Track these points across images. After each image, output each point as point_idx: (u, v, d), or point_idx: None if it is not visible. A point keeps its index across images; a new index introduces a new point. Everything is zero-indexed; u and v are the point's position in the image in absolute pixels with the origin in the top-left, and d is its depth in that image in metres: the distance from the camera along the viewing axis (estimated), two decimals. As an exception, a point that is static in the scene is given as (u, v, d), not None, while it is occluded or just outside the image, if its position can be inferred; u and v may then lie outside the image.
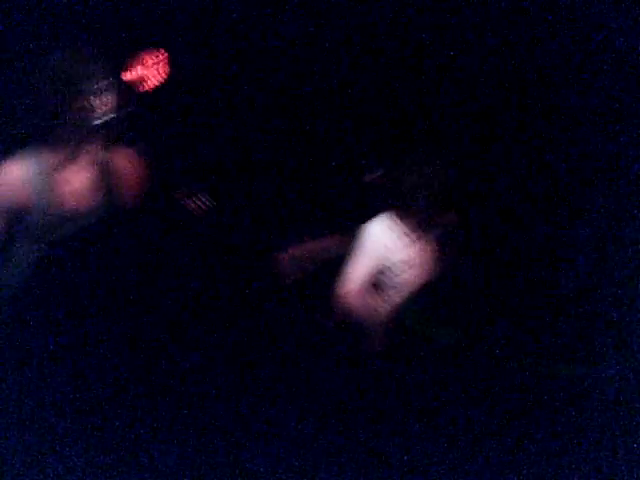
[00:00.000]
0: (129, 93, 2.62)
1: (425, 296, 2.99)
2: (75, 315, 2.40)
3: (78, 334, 2.41)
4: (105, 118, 2.32)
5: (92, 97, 2.27)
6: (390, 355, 2.94)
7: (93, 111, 2.28)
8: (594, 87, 3.68)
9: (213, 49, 3.98)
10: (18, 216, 2.31)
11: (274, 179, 3.90)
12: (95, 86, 2.28)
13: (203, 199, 2.37)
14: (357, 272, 2.85)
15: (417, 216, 2.85)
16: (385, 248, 2.87)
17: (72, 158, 2.34)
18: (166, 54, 3.89)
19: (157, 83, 3.87)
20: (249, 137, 4.00)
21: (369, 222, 2.87)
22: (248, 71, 4.04)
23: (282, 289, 3.07)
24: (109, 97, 2.33)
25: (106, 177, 2.41)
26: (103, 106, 2.31)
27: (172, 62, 3.90)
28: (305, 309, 3.04)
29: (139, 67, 3.83)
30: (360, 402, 2.93)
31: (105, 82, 2.31)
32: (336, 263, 2.89)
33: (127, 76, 3.80)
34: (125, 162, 2.45)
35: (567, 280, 3.55)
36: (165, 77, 3.88)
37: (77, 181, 2.36)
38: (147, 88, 3.88)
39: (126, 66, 3.77)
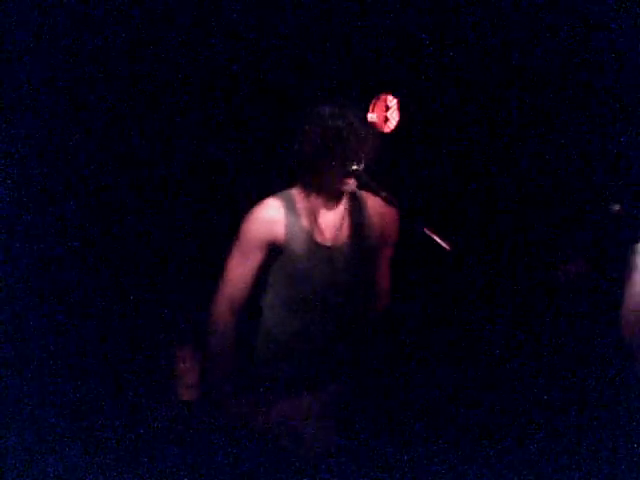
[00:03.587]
0: (378, 139, 2.74)
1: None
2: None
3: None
4: (358, 164, 2.46)
5: (348, 145, 2.44)
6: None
7: (348, 157, 2.43)
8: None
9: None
10: (273, 252, 2.47)
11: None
12: (351, 135, 2.44)
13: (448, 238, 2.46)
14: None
15: None
16: None
17: (325, 201, 2.51)
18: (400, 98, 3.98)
19: (395, 127, 3.97)
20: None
21: None
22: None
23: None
24: (363, 143, 2.48)
25: (355, 220, 2.57)
26: (357, 152, 2.46)
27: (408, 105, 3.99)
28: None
29: (383, 112, 3.95)
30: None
31: (359, 131, 2.47)
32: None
33: (374, 123, 3.91)
34: (374, 206, 2.61)
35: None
36: (401, 121, 3.97)
37: (328, 222, 2.52)
38: (389, 132, 3.97)
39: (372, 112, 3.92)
